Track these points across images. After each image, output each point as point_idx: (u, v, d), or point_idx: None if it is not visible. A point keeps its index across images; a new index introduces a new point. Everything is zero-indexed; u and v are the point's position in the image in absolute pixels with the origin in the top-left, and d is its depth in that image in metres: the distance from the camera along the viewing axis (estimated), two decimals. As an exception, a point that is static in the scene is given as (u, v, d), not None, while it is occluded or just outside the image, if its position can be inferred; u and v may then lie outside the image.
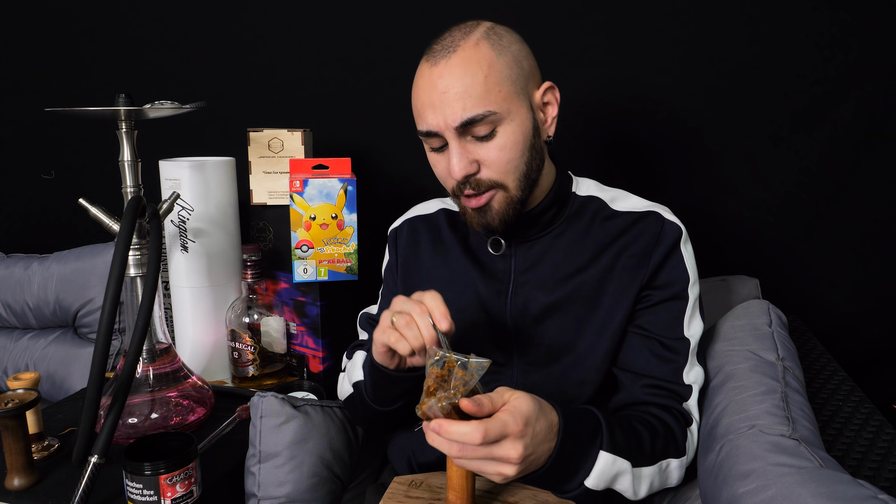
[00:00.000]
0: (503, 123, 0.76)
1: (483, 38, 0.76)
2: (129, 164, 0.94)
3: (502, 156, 0.77)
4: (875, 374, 1.33)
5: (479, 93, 0.74)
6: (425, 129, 0.78)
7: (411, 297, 0.71)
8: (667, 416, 0.78)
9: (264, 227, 1.24)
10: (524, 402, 0.62)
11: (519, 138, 0.78)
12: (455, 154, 0.77)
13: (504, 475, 0.62)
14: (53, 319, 1.41)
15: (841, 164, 1.25)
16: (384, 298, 0.99)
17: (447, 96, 0.75)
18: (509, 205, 0.80)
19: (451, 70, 0.75)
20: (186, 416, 0.99)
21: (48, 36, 1.47)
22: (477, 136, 0.77)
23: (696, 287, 0.83)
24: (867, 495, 0.56)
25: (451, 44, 0.76)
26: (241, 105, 1.41)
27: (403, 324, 0.69)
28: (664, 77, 1.26)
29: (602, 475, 0.69)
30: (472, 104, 0.74)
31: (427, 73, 0.77)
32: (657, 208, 0.86)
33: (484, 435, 0.59)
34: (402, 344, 0.69)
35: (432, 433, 0.61)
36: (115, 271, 0.77)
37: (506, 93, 0.76)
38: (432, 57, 0.77)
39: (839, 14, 1.19)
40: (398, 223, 0.99)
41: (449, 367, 0.63)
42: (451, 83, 0.75)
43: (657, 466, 0.74)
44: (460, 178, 0.77)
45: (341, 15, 1.33)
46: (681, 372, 0.81)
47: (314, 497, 0.88)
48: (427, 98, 0.77)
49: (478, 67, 0.75)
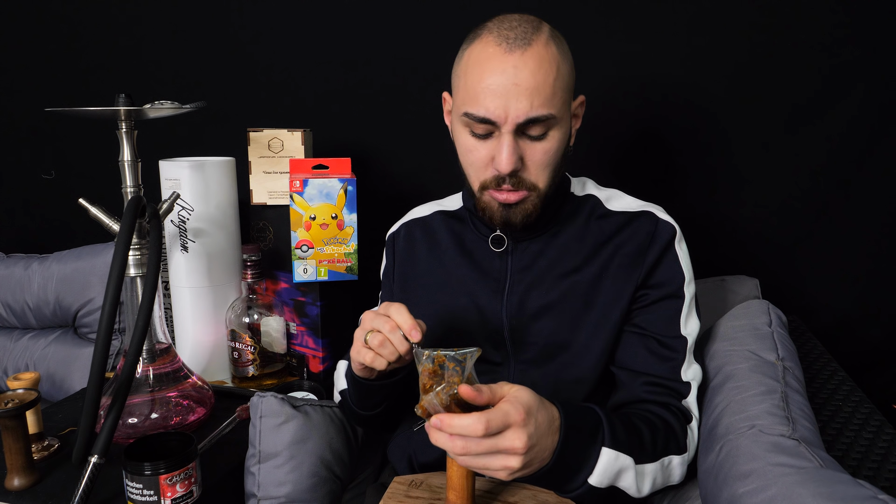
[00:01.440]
0: (555, 128, 0.77)
1: (551, 39, 0.76)
2: (129, 164, 0.94)
3: (545, 159, 0.77)
4: (875, 374, 1.33)
5: (548, 94, 0.74)
6: (481, 115, 0.75)
7: (378, 312, 0.73)
8: (666, 414, 0.79)
9: (264, 227, 1.24)
10: (524, 393, 0.63)
11: (561, 145, 0.79)
12: (508, 148, 0.75)
13: (510, 468, 0.61)
14: (53, 319, 1.41)
15: (841, 164, 1.25)
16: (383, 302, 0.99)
17: (519, 89, 0.73)
18: (535, 207, 0.80)
19: (526, 63, 0.73)
20: (186, 416, 0.99)
21: (48, 36, 1.47)
22: (529, 136, 0.76)
23: (691, 286, 0.83)
24: (867, 495, 0.56)
25: (525, 35, 0.74)
26: (241, 105, 1.41)
27: (377, 343, 0.72)
28: (664, 77, 1.26)
29: (605, 472, 0.69)
30: (540, 103, 0.73)
31: (499, 57, 0.73)
32: (651, 208, 0.86)
33: (486, 426, 0.58)
34: (378, 361, 0.73)
35: (435, 431, 0.61)
36: (115, 271, 0.77)
37: (564, 99, 0.77)
38: (504, 41, 0.74)
39: (840, 14, 1.19)
40: (395, 227, 0.99)
41: (439, 363, 0.63)
42: (526, 77, 0.73)
43: (659, 463, 0.74)
44: (508, 171, 0.76)
45: (341, 15, 1.33)
46: (679, 370, 0.81)
47: (314, 497, 0.88)
48: (496, 83, 0.73)
49: (550, 67, 0.74)
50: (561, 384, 0.83)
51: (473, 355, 0.63)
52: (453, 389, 0.61)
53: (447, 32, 1.29)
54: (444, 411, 0.61)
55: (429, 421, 0.61)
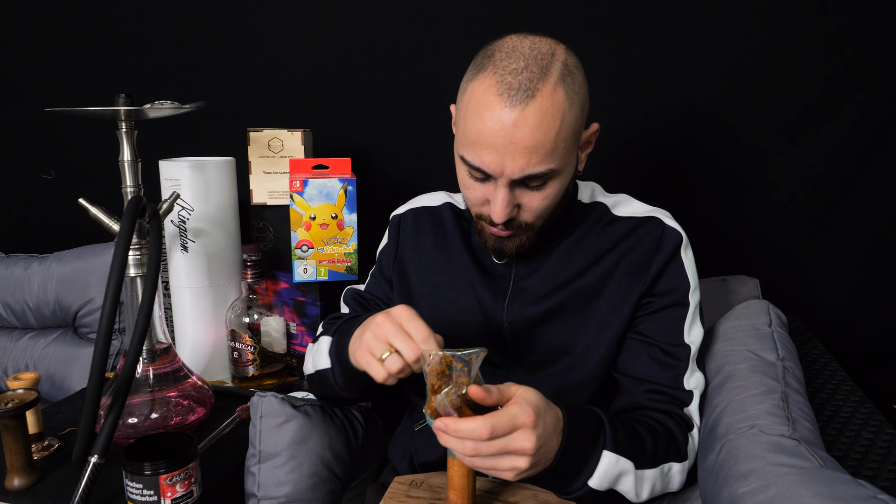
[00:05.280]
0: (556, 177, 0.75)
1: (559, 83, 0.70)
2: (129, 164, 0.94)
3: (543, 204, 0.76)
4: (875, 374, 1.33)
5: (547, 150, 0.71)
6: (477, 165, 0.73)
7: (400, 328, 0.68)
8: (668, 421, 0.78)
9: (264, 227, 1.24)
10: (532, 394, 0.63)
11: (563, 188, 0.77)
12: (501, 202, 0.74)
13: (518, 469, 0.62)
14: (53, 319, 1.41)
15: (842, 164, 1.25)
16: (374, 279, 0.98)
17: (516, 147, 0.70)
18: (529, 240, 0.80)
19: (526, 120, 0.69)
20: (186, 416, 0.99)
21: (48, 36, 1.47)
22: (528, 186, 0.74)
23: (696, 294, 0.83)
24: (867, 495, 0.56)
25: (529, 84, 0.69)
26: (241, 105, 1.41)
27: (396, 370, 0.67)
28: (665, 80, 1.26)
29: (606, 474, 0.69)
30: (538, 161, 0.71)
31: (498, 112, 0.70)
32: (658, 213, 0.85)
33: (491, 430, 0.59)
34: (389, 381, 0.69)
35: (442, 434, 0.61)
36: (115, 271, 0.77)
37: (568, 147, 0.73)
38: (506, 91, 0.69)
39: (843, 18, 1.19)
40: (402, 210, 0.98)
41: (447, 363, 0.63)
42: (524, 135, 0.69)
43: (659, 469, 0.74)
44: (500, 222, 0.75)
45: (341, 15, 1.33)
46: (681, 378, 0.81)
47: (314, 497, 0.88)
48: (492, 138, 0.70)
49: (552, 122, 0.70)
50: (562, 388, 0.83)
51: (479, 355, 0.63)
52: (462, 390, 0.61)
53: (447, 32, 1.29)
54: (455, 412, 0.61)
55: (435, 423, 0.61)
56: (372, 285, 0.98)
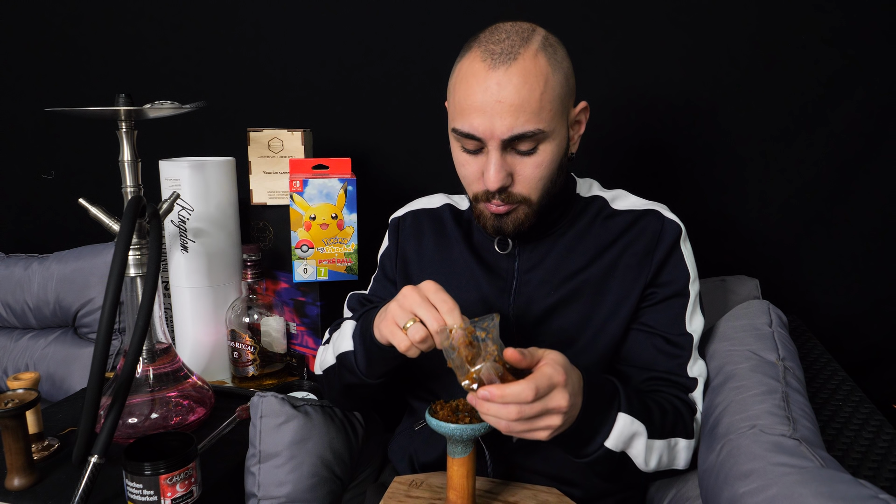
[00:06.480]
0: (546, 141, 0.76)
1: (541, 50, 0.74)
2: (129, 164, 0.94)
3: (537, 173, 0.77)
4: (875, 374, 1.33)
5: (533, 109, 0.73)
6: (467, 131, 0.75)
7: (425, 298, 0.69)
8: (675, 400, 0.81)
9: (264, 227, 1.24)
10: (559, 355, 0.66)
11: (555, 157, 0.78)
12: (494, 165, 0.75)
13: (552, 427, 0.64)
14: (53, 319, 1.41)
15: (841, 164, 1.25)
16: (378, 283, 0.99)
17: (502, 106, 0.72)
18: (528, 217, 0.81)
19: (510, 79, 0.72)
20: (186, 416, 0.99)
21: (48, 36, 1.47)
22: (518, 151, 0.76)
23: (696, 283, 0.85)
24: (868, 495, 0.56)
25: (511, 49, 0.73)
26: (241, 105, 1.41)
27: (419, 339, 0.68)
28: (665, 78, 1.26)
29: (621, 435, 0.71)
30: (525, 120, 0.73)
31: (483, 75, 0.73)
32: (656, 206, 0.88)
33: (536, 390, 0.61)
34: (412, 351, 0.69)
35: (485, 402, 0.62)
36: (115, 271, 0.77)
37: (555, 111, 0.75)
38: (489, 57, 0.73)
39: (841, 17, 1.19)
40: (401, 213, 0.99)
41: (469, 333, 0.65)
42: (509, 93, 0.72)
43: (666, 442, 0.76)
44: (495, 189, 0.77)
45: (341, 15, 1.33)
46: (685, 366, 0.83)
47: (314, 497, 0.88)
48: (479, 100, 0.73)
49: (536, 82, 0.73)
50: None
51: (494, 320, 0.66)
52: (495, 355, 0.64)
53: (447, 32, 1.29)
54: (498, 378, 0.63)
55: (479, 392, 0.63)
56: (376, 289, 0.98)
